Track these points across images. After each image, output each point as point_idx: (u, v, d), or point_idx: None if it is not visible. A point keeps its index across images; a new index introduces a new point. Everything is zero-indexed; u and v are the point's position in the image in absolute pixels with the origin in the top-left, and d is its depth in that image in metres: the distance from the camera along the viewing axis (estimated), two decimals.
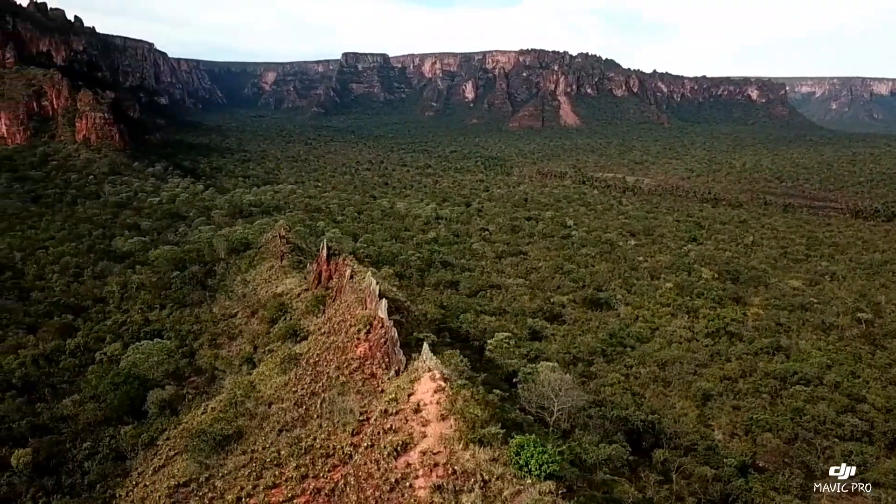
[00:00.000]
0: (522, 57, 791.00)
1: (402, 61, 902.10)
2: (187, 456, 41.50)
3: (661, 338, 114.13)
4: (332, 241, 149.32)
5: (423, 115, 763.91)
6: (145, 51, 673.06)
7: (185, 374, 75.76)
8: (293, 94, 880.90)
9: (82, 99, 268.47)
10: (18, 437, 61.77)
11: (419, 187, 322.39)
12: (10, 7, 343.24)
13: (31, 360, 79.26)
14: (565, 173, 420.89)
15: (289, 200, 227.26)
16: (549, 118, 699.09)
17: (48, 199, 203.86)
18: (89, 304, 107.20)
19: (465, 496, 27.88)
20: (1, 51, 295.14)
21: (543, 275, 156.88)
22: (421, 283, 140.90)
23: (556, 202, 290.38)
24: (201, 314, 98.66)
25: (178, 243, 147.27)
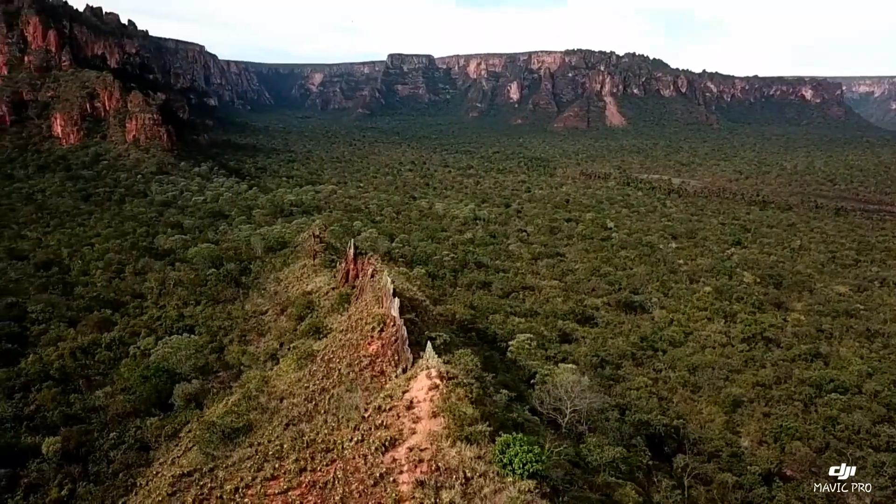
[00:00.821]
0: (568, 57, 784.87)
1: (447, 62, 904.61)
2: (195, 447, 42.95)
3: (695, 342, 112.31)
4: (368, 241, 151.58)
5: (467, 115, 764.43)
6: (196, 53, 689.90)
7: (213, 368, 77.63)
8: (339, 96, 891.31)
9: (132, 100, 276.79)
10: (51, 425, 64.22)
11: (460, 188, 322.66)
12: (68, 12, 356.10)
13: (69, 353, 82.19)
14: (609, 174, 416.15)
15: (329, 200, 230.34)
16: (595, 119, 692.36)
17: (98, 197, 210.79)
18: (128, 299, 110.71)
19: (446, 492, 28.14)
20: (58, 54, 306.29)
21: (579, 277, 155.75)
22: (454, 283, 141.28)
23: (598, 204, 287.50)
24: (233, 311, 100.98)
25: (217, 241, 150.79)
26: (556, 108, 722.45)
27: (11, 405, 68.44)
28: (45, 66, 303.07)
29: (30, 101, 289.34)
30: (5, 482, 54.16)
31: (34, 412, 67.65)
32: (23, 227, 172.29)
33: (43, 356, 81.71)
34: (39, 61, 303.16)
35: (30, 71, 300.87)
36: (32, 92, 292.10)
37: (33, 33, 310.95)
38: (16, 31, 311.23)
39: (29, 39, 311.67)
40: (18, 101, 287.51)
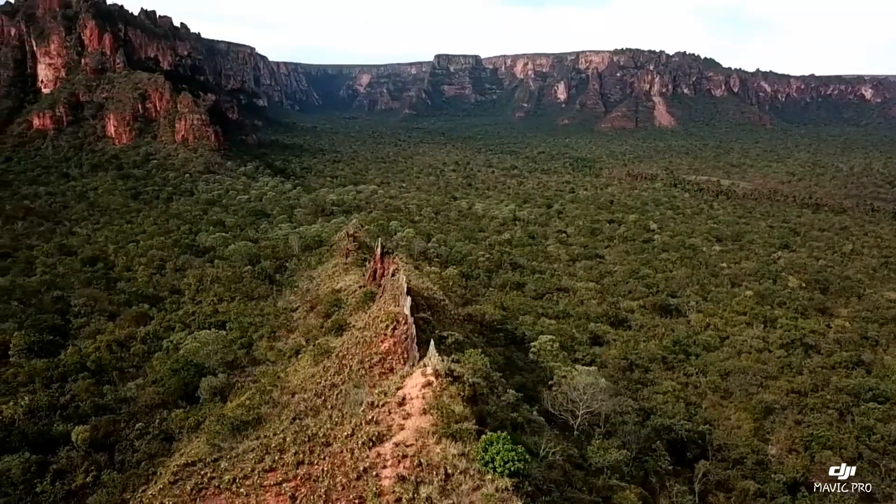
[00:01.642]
0: (617, 57, 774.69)
1: (493, 62, 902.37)
2: (204, 438, 44.17)
3: (731, 347, 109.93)
4: (404, 241, 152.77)
5: (513, 116, 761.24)
6: (246, 55, 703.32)
7: (241, 363, 79.39)
8: (386, 96, 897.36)
9: (182, 101, 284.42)
10: (83, 415, 66.68)
11: (503, 188, 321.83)
12: (123, 15, 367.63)
13: (106, 346, 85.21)
14: (656, 175, 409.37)
15: (370, 200, 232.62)
16: (643, 119, 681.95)
17: (146, 195, 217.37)
18: (166, 294, 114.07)
19: (424, 487, 28.42)
20: (112, 57, 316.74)
21: (616, 279, 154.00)
22: (487, 283, 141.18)
23: (643, 205, 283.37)
24: (265, 307, 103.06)
25: (256, 240, 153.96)
26: (603, 109, 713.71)
27: (48, 394, 71.28)
28: (100, 68, 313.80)
29: (85, 102, 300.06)
30: (35, 468, 56.43)
31: (69, 402, 70.36)
32: (74, 223, 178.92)
33: (81, 348, 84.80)
34: (95, 64, 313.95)
35: (86, 73, 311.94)
36: (88, 93, 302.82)
37: (90, 37, 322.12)
38: (74, 34, 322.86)
39: (86, 42, 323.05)
40: (75, 102, 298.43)
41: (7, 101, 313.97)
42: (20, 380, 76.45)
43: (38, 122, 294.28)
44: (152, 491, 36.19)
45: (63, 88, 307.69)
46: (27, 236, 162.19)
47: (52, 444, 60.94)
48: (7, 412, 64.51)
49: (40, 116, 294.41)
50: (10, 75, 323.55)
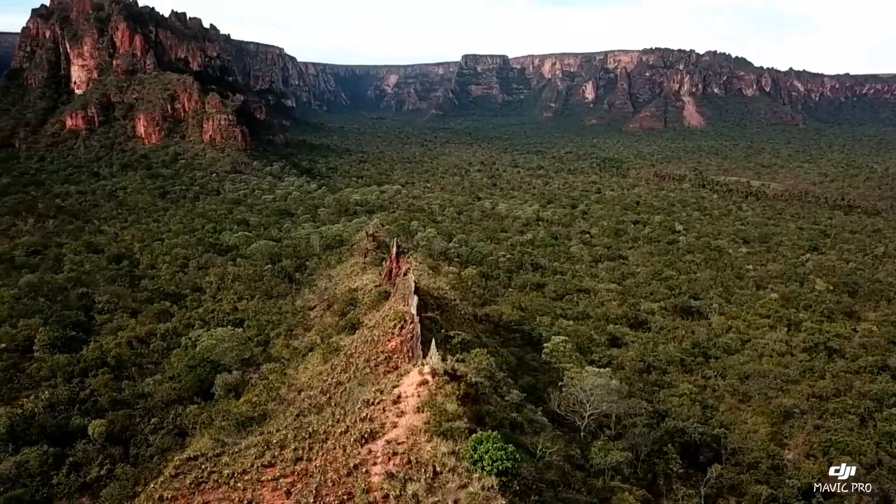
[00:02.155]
0: (646, 56, 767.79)
1: (521, 62, 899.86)
2: (210, 433, 44.88)
3: (752, 350, 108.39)
4: (424, 241, 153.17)
5: (540, 116, 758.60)
6: (275, 55, 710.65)
7: (257, 361, 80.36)
8: (413, 97, 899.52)
9: (210, 102, 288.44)
10: (100, 409, 68.17)
11: (528, 188, 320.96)
12: (154, 17, 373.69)
13: (126, 342, 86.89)
14: (684, 176, 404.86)
15: (394, 200, 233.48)
16: (672, 119, 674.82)
17: (174, 195, 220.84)
18: (188, 292, 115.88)
19: (412, 485, 28.60)
20: (143, 58, 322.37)
21: (639, 280, 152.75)
22: (507, 284, 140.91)
23: (670, 206, 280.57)
24: (284, 306, 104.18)
25: (279, 239, 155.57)
26: (631, 108, 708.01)
27: (68, 389, 72.87)
28: (131, 69, 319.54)
29: (116, 102, 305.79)
30: (52, 460, 57.84)
31: (88, 396, 71.91)
32: (103, 222, 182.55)
33: (103, 344, 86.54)
34: (126, 65, 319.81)
35: (117, 74, 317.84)
36: (119, 94, 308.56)
37: (121, 38, 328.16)
38: (106, 36, 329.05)
39: (117, 44, 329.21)
40: (107, 103, 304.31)
41: (42, 103, 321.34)
42: (43, 374, 78.32)
43: (70, 122, 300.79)
44: (154, 484, 36.78)
45: (95, 89, 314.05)
46: (57, 234, 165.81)
47: (69, 438, 62.39)
48: (28, 406, 66.13)
49: (73, 117, 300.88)
50: (45, 77, 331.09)
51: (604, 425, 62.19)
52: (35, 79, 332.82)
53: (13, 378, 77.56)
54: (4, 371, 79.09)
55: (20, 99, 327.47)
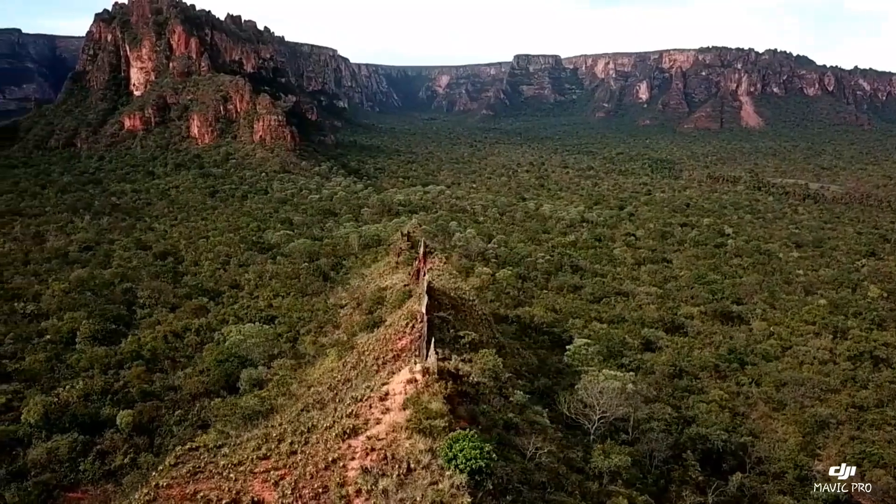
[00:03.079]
0: (702, 55, 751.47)
1: (574, 62, 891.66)
2: (216, 426, 46.17)
3: (792, 358, 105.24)
4: (462, 242, 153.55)
5: (593, 116, 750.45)
6: (328, 57, 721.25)
7: (285, 357, 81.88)
8: (465, 97, 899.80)
9: (261, 103, 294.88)
10: (130, 400, 70.60)
11: (576, 189, 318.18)
12: (210, 20, 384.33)
13: (163, 336, 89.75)
14: (739, 178, 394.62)
15: (437, 200, 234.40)
16: (729, 119, 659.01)
17: (223, 194, 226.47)
18: (226, 289, 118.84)
19: (383, 480, 28.97)
20: (198, 60, 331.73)
21: (680, 284, 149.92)
22: (544, 285, 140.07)
23: (721, 208, 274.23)
24: (316, 303, 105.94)
25: (320, 238, 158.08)
26: (686, 109, 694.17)
27: (103, 380, 75.71)
28: (186, 71, 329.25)
29: (172, 104, 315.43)
30: (81, 447, 60.21)
31: (121, 388, 74.54)
32: (154, 219, 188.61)
33: (140, 338, 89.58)
34: (182, 67, 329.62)
35: (173, 76, 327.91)
36: (175, 95, 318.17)
37: (177, 41, 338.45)
38: (163, 39, 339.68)
39: (174, 47, 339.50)
40: (163, 104, 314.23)
41: (102, 104, 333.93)
42: (82, 365, 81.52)
43: (128, 123, 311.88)
44: (155, 472, 38.09)
45: (152, 91, 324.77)
46: (110, 231, 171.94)
47: (99, 427, 64.77)
48: (64, 395, 68.95)
49: (131, 118, 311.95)
50: (106, 79, 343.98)
51: (620, 429, 61.49)
52: (97, 81, 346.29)
53: (54, 368, 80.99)
54: (47, 361, 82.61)
55: (83, 100, 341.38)
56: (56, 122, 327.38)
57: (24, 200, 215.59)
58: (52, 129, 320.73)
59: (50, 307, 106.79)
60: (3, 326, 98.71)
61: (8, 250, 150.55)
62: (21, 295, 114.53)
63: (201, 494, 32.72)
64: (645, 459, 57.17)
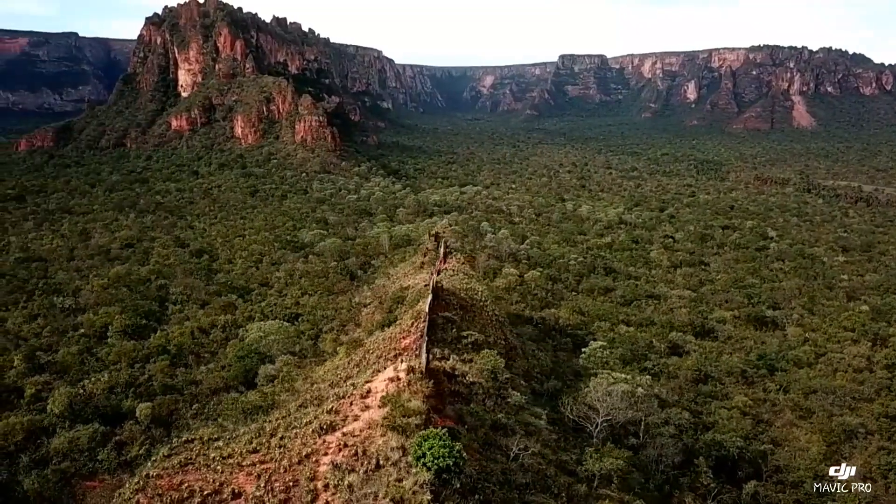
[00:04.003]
0: (753, 54, 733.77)
1: (620, 62, 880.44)
2: (217, 420, 47.28)
3: (826, 365, 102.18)
4: (493, 243, 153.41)
5: (639, 116, 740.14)
6: (372, 58, 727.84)
7: (306, 354, 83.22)
8: (509, 97, 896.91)
9: (303, 104, 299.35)
10: (152, 393, 72.68)
11: (617, 190, 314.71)
12: (256, 23, 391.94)
13: (189, 332, 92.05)
14: (788, 180, 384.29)
15: (473, 201, 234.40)
16: (780, 119, 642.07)
17: (263, 193, 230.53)
18: (255, 286, 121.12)
19: (351, 475, 29.35)
20: (243, 61, 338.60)
21: (716, 288, 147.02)
22: (575, 287, 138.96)
23: (767, 211, 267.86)
24: (341, 302, 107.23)
25: (353, 237, 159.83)
26: (736, 109, 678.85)
27: (129, 373, 78.12)
28: (231, 72, 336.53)
29: (218, 105, 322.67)
30: (100, 438, 62.23)
31: (146, 381, 76.78)
32: (195, 218, 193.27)
33: (168, 333, 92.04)
34: (227, 69, 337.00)
35: (219, 78, 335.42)
36: (220, 96, 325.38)
37: (223, 43, 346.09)
38: (210, 42, 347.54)
39: (220, 49, 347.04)
40: (208, 105, 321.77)
41: (151, 105, 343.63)
42: (111, 358, 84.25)
43: (175, 123, 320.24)
44: (150, 462, 39.20)
45: (198, 92, 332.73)
46: (152, 229, 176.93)
47: (120, 418, 66.88)
48: (89, 387, 71.43)
49: (178, 118, 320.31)
50: (155, 81, 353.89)
51: (631, 434, 60.82)
52: (146, 82, 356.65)
53: (84, 361, 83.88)
54: (79, 354, 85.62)
55: (133, 102, 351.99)
56: (107, 122, 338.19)
57: (73, 199, 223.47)
58: (103, 130, 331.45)
59: (88, 302, 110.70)
60: (42, 320, 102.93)
61: (55, 247, 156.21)
62: (62, 290, 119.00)
63: (186, 485, 33.62)
64: (652, 464, 56.43)
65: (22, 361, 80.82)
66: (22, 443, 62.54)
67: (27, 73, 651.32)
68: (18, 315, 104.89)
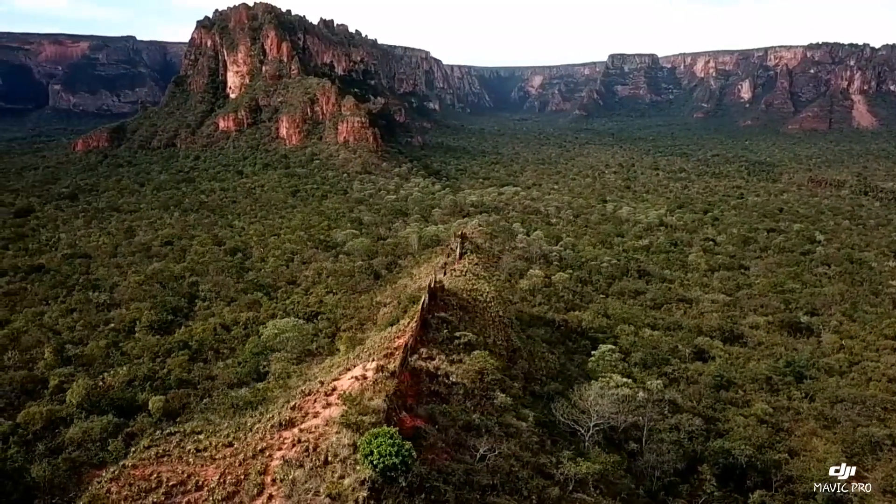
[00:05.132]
0: (811, 52, 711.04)
1: (671, 61, 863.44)
2: (205, 413, 48.40)
3: (859, 374, 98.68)
4: (522, 244, 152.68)
5: (690, 117, 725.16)
6: (420, 59, 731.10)
7: (322, 352, 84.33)
8: (557, 97, 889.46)
9: (346, 105, 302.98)
10: (167, 387, 74.82)
11: (663, 192, 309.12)
12: (303, 25, 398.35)
13: (212, 328, 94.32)
14: (844, 182, 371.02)
15: (510, 202, 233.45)
16: (839, 119, 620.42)
17: (304, 193, 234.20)
18: (282, 285, 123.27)
19: (297, 470, 29.79)
20: (289, 63, 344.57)
21: (753, 292, 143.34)
22: (605, 290, 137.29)
23: (818, 214, 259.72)
24: (362, 301, 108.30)
25: (385, 237, 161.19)
26: (792, 108, 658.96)
27: (149, 367, 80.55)
28: (277, 74, 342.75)
29: (264, 106, 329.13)
30: (113, 429, 64.33)
31: (165, 375, 79.03)
32: (236, 217, 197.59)
33: (192, 328, 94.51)
34: (274, 70, 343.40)
35: (265, 79, 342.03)
36: (266, 98, 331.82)
37: (270, 45, 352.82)
38: (258, 44, 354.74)
39: (267, 51, 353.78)
40: (255, 106, 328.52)
41: (201, 106, 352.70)
42: (135, 352, 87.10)
43: (223, 124, 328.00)
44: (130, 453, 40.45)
45: (246, 94, 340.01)
46: (193, 227, 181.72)
47: (135, 410, 69.02)
48: (108, 380, 73.94)
49: (225, 119, 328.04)
50: (205, 82, 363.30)
51: (632, 438, 59.99)
52: (197, 84, 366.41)
53: (110, 354, 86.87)
54: (106, 348, 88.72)
55: (184, 103, 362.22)
56: (159, 123, 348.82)
57: (122, 197, 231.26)
58: (155, 130, 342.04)
59: (122, 297, 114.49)
60: (77, 314, 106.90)
61: (101, 243, 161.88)
62: (100, 285, 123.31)
63: (155, 475, 34.66)
64: (649, 470, 55.51)
65: (52, 354, 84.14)
66: (41, 431, 65.23)
67: (88, 76, 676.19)
68: (56, 309, 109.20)
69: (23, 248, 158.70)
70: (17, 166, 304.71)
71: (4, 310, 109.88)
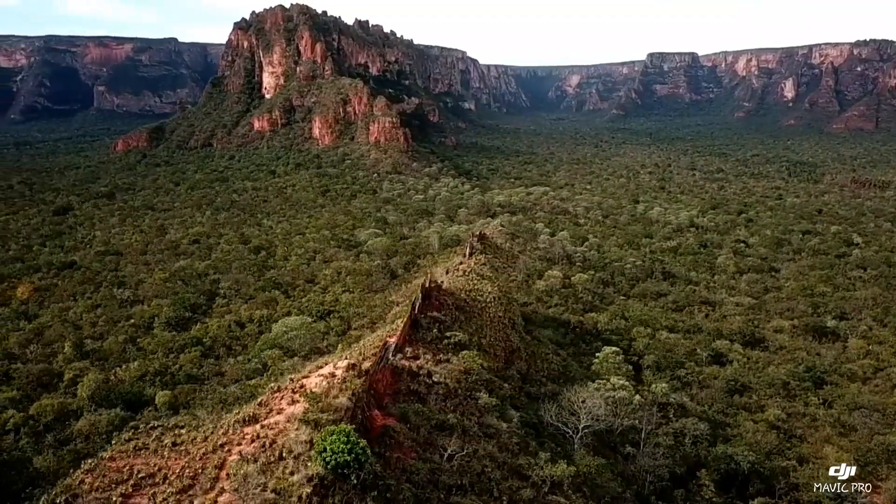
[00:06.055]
0: (858, 49, 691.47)
1: (712, 60, 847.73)
2: (195, 409, 49.26)
3: (883, 380, 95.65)
4: (544, 245, 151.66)
5: (731, 116, 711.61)
6: (455, 59, 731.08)
7: (330, 350, 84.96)
8: (595, 97, 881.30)
9: (377, 105, 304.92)
10: (176, 382, 76.35)
11: (698, 192, 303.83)
12: (338, 26, 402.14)
13: (226, 325, 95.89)
14: (889, 182, 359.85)
15: (538, 202, 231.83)
16: (886, 119, 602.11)
17: (334, 193, 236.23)
18: (300, 283, 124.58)
19: (250, 466, 30.13)
20: (322, 64, 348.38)
21: (781, 295, 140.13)
22: (627, 291, 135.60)
23: (859, 216, 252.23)
24: (376, 300, 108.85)
25: (407, 237, 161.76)
26: (837, 107, 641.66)
27: (161, 363, 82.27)
28: (311, 75, 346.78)
29: (297, 106, 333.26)
30: (119, 422, 65.85)
31: (176, 370, 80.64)
32: (265, 216, 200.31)
33: (207, 325, 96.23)
34: (308, 71, 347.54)
35: (299, 80, 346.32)
36: (300, 98, 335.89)
37: (304, 47, 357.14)
38: (292, 45, 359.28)
39: (301, 52, 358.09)
40: (289, 106, 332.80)
41: (237, 107, 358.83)
42: (151, 348, 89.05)
43: (258, 124, 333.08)
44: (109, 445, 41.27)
45: (280, 94, 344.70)
46: (223, 226, 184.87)
47: (143, 404, 70.59)
48: (120, 374, 75.78)
49: (259, 119, 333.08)
50: (241, 83, 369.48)
51: (628, 441, 59.25)
52: (233, 85, 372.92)
53: (126, 350, 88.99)
54: (123, 343, 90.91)
55: (221, 103, 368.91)
56: (196, 123, 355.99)
57: (158, 196, 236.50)
58: (192, 131, 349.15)
59: (146, 294, 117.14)
60: (101, 310, 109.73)
61: (132, 241, 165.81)
62: (126, 282, 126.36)
63: (129, 468, 35.39)
64: (642, 474, 54.73)
65: (71, 348, 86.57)
66: (51, 423, 67.14)
67: (131, 77, 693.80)
68: (82, 305, 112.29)
69: (59, 245, 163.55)
70: (61, 166, 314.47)
71: (34, 305, 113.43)
